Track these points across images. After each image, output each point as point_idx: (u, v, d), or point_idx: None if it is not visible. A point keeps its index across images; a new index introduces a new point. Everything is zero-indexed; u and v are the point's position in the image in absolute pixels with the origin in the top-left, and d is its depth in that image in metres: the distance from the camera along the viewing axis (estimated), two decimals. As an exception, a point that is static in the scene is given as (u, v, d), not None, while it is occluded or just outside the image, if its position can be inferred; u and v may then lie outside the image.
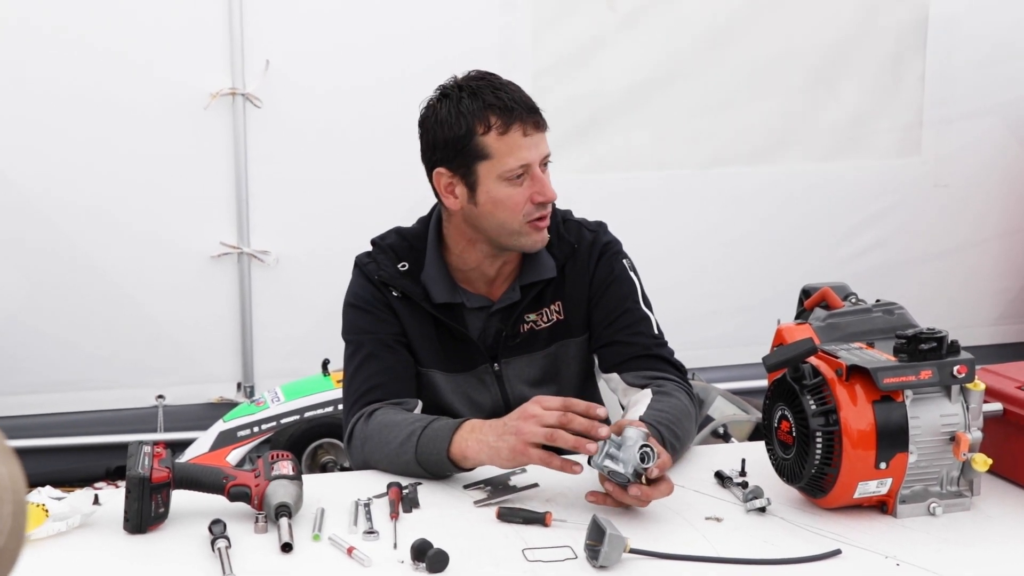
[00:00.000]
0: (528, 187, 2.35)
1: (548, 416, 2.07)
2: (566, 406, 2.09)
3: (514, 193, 2.35)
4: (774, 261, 5.05)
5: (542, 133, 2.36)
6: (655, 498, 2.03)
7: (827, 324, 2.77)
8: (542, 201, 2.36)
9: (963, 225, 5.31)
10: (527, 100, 2.36)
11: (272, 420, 4.13)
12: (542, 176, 2.36)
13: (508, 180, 2.34)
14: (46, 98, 4.30)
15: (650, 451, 2.00)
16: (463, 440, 2.17)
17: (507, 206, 2.36)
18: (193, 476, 2.06)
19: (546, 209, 2.39)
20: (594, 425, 2.04)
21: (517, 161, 2.33)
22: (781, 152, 5.04)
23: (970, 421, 2.05)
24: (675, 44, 4.83)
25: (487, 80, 2.38)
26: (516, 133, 2.32)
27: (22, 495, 1.10)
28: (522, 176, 2.34)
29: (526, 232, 2.38)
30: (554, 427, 2.05)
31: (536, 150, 2.34)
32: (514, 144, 2.33)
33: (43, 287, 4.44)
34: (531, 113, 2.34)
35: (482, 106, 2.33)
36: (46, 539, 1.96)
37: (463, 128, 2.34)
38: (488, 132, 2.32)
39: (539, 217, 2.38)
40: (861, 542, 1.96)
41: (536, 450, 2.07)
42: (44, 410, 4.55)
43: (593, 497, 2.07)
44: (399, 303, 2.47)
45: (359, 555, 1.90)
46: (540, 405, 2.10)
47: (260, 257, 4.55)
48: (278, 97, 4.45)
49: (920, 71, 5.07)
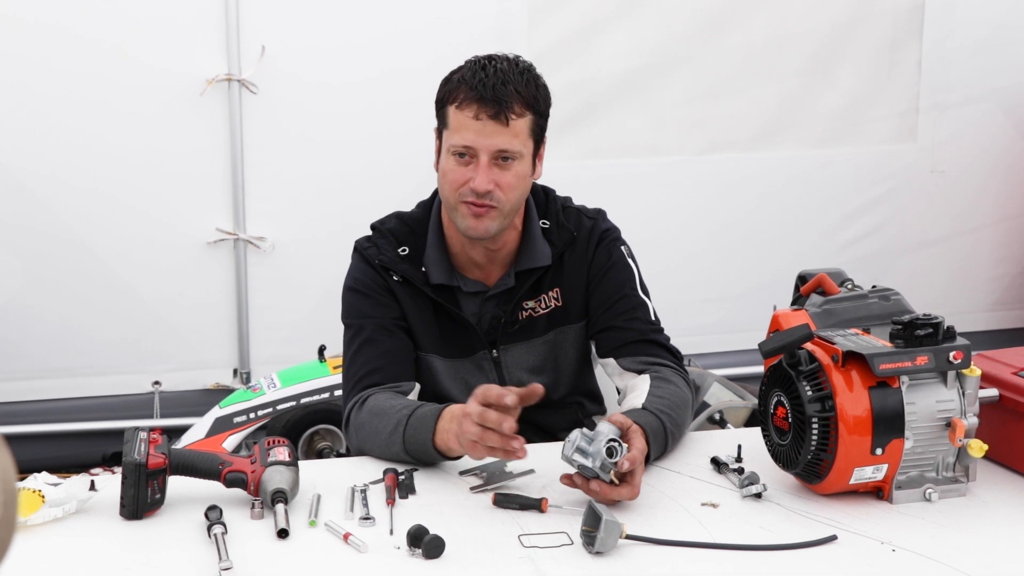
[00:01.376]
0: (471, 170, 2.34)
1: (474, 413, 2.06)
2: (483, 398, 2.07)
3: (455, 169, 2.36)
4: (770, 247, 5.06)
5: (501, 125, 2.32)
6: (614, 498, 2.02)
7: (823, 310, 2.77)
8: (472, 188, 2.34)
9: (959, 211, 5.32)
10: (501, 91, 2.31)
11: (268, 406, 4.13)
12: (484, 165, 2.33)
13: (455, 156, 2.36)
14: (43, 84, 4.29)
15: (617, 446, 2.00)
16: (445, 430, 2.17)
17: (447, 179, 2.38)
18: (189, 462, 2.06)
19: (480, 199, 2.35)
20: (502, 418, 2.03)
21: (460, 140, 2.34)
22: (777, 138, 5.04)
23: (966, 407, 2.05)
24: (671, 30, 4.83)
25: (490, 59, 2.38)
26: (468, 112, 2.32)
27: (12, 483, 1.09)
28: (467, 158, 2.34)
29: (462, 213, 2.38)
30: (480, 427, 2.05)
31: (484, 138, 2.32)
32: (463, 123, 2.33)
33: (40, 274, 4.45)
34: (493, 103, 2.31)
35: (460, 78, 2.35)
36: (42, 525, 1.96)
37: (443, 93, 2.39)
38: (452, 103, 2.35)
39: (471, 202, 2.36)
40: (857, 528, 1.96)
41: (481, 448, 2.07)
42: (41, 396, 4.56)
43: (566, 480, 2.06)
44: (399, 287, 2.48)
45: (355, 541, 1.90)
46: (474, 400, 2.09)
47: (256, 243, 4.55)
48: (274, 83, 4.44)
49: (917, 57, 5.07)
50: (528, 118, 2.36)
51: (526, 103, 2.35)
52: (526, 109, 2.35)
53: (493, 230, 2.39)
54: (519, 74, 2.36)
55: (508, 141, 2.33)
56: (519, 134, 2.35)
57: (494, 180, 2.34)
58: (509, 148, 2.34)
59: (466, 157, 2.35)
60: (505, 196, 2.36)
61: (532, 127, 2.38)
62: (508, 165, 2.35)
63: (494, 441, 2.05)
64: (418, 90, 3.26)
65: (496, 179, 2.34)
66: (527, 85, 2.35)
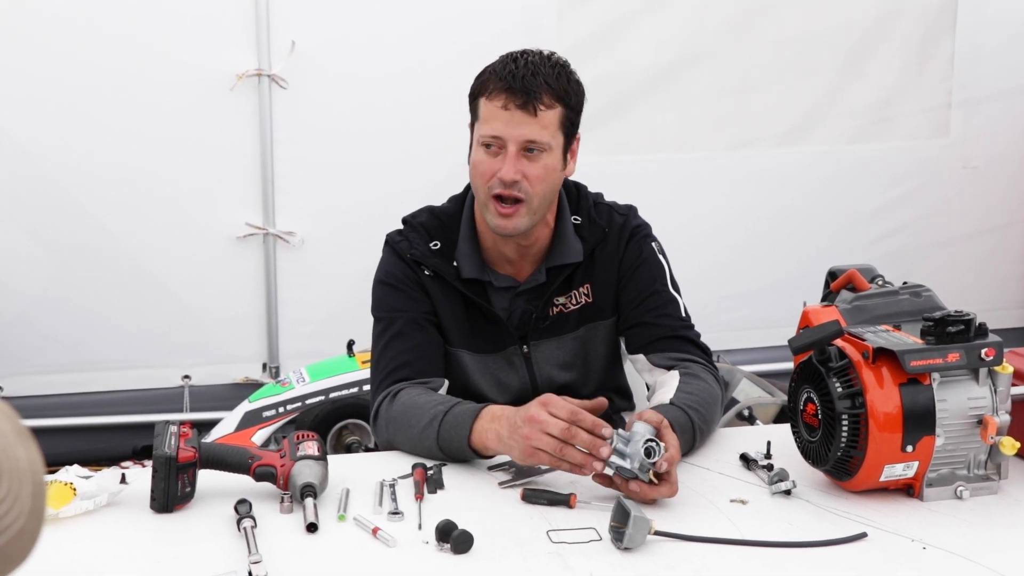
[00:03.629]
0: (500, 161, 2.34)
1: (554, 427, 2.03)
2: (573, 418, 2.04)
3: (484, 160, 2.36)
4: (800, 243, 5.03)
5: (529, 115, 2.31)
6: (654, 496, 2.01)
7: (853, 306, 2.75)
8: (500, 177, 2.33)
9: (991, 207, 5.27)
10: (530, 82, 2.31)
11: (297, 401, 4.15)
12: (512, 155, 2.32)
13: (484, 147, 2.36)
14: (74, 80, 4.32)
15: (655, 446, 1.99)
16: (483, 431, 2.17)
17: (477, 171, 2.38)
18: (219, 456, 2.07)
19: (507, 189, 2.34)
20: (597, 443, 2.01)
21: (488, 129, 2.34)
22: (808, 134, 5.01)
23: (998, 404, 2.04)
24: (700, 25, 4.81)
25: (522, 53, 2.38)
26: (497, 102, 2.32)
27: (40, 476, 1.10)
28: (496, 148, 2.34)
29: (491, 210, 2.38)
30: (560, 440, 2.03)
31: (512, 128, 2.32)
32: (491, 113, 2.33)
33: (70, 269, 4.48)
34: (523, 93, 2.30)
35: (492, 71, 2.36)
36: (74, 517, 1.97)
37: (476, 87, 2.39)
38: (483, 95, 2.35)
39: (499, 195, 2.35)
40: (887, 525, 1.95)
41: (545, 455, 2.05)
42: (72, 390, 4.59)
43: (599, 479, 2.05)
44: (430, 282, 2.48)
45: (384, 536, 1.90)
46: (547, 410, 2.05)
47: (285, 238, 4.56)
48: (304, 78, 4.45)
49: (949, 52, 5.03)
50: (558, 110, 2.35)
51: (556, 95, 2.34)
52: (556, 101, 2.34)
53: (523, 227, 2.39)
54: (551, 67, 2.36)
55: (536, 132, 2.33)
56: (548, 126, 2.34)
57: (521, 171, 2.33)
58: (537, 139, 2.33)
59: (494, 148, 2.34)
60: (532, 188, 2.35)
61: (562, 120, 2.36)
62: (536, 157, 2.35)
63: (576, 458, 2.02)
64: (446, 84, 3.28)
65: (524, 170, 2.34)
66: (558, 78, 2.35)
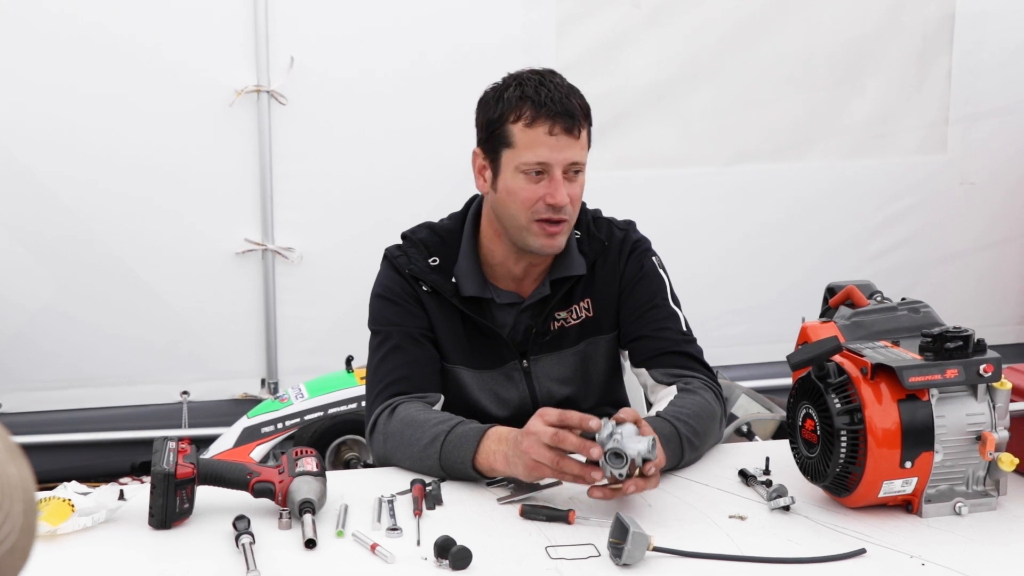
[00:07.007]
0: (544, 186, 2.34)
1: (545, 434, 2.04)
2: (561, 420, 2.06)
3: (527, 188, 2.35)
4: (798, 259, 5.04)
5: (573, 139, 2.33)
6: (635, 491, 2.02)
7: (852, 322, 2.76)
8: (552, 203, 2.34)
9: (989, 223, 5.28)
10: (568, 104, 2.33)
11: (296, 416, 4.14)
12: (559, 179, 2.33)
13: (524, 173, 2.35)
14: (73, 96, 4.33)
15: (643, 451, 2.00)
16: (491, 452, 2.16)
17: (518, 199, 2.36)
18: (217, 472, 2.07)
19: (558, 213, 2.36)
20: (587, 445, 2.02)
21: (535, 156, 2.33)
22: (806, 149, 5.02)
23: (996, 420, 2.04)
24: (699, 41, 4.82)
25: (540, 75, 2.38)
26: (541, 129, 2.32)
27: (32, 493, 1.11)
28: (540, 174, 2.34)
29: (533, 232, 2.37)
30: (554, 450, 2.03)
31: (558, 152, 2.33)
32: (536, 139, 2.32)
33: (69, 284, 4.48)
34: (565, 116, 2.32)
35: (520, 96, 2.34)
36: (72, 534, 1.97)
37: (498, 112, 2.37)
38: (517, 122, 2.34)
39: (547, 219, 2.36)
40: (886, 541, 1.95)
41: (546, 468, 2.05)
42: (70, 405, 4.59)
43: (599, 493, 2.04)
44: (428, 298, 2.48)
45: (382, 552, 1.90)
46: (541, 420, 2.07)
47: (284, 254, 4.57)
48: (303, 94, 4.46)
49: (947, 68, 5.05)
50: (587, 130, 2.39)
51: (585, 115, 2.38)
52: (585, 121, 2.38)
53: (563, 244, 2.42)
54: (570, 87, 2.39)
55: (578, 153, 2.36)
56: (584, 146, 2.38)
57: (568, 193, 2.35)
58: (580, 160, 2.36)
59: (538, 175, 2.35)
60: (574, 207, 2.39)
61: (589, 138, 2.41)
62: (576, 177, 2.38)
63: (573, 469, 2.03)
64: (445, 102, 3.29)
65: (569, 192, 2.36)
66: (581, 98, 2.38)
